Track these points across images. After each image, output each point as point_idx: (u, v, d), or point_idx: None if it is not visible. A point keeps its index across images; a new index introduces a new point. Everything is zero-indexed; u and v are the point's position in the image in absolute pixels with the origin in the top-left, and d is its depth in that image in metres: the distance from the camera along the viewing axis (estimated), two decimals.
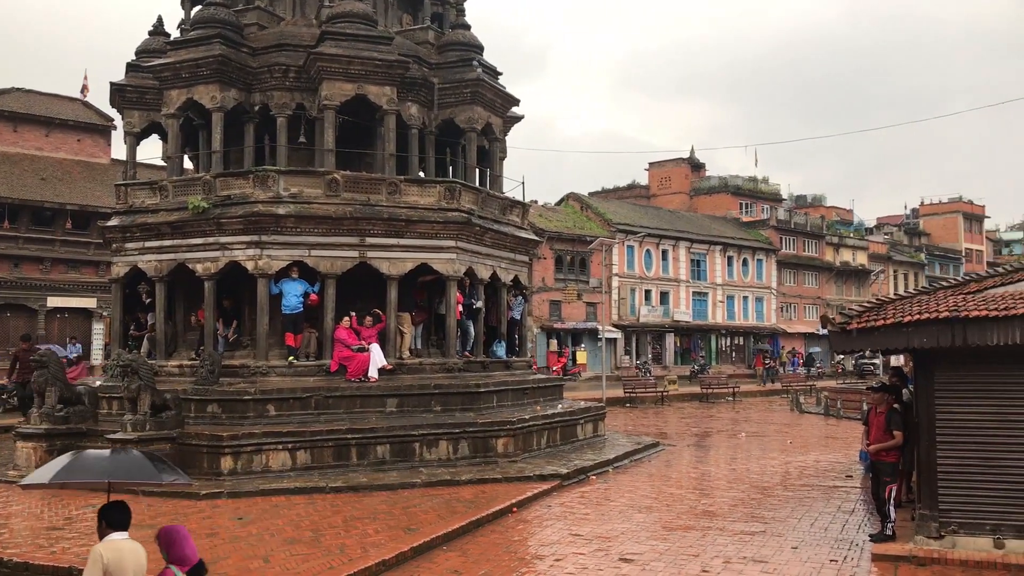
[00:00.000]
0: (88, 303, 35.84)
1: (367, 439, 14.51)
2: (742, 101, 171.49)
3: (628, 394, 33.37)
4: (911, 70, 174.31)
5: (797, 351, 57.24)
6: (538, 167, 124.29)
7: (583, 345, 46.16)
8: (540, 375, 22.82)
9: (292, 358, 15.88)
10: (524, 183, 20.60)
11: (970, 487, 9.09)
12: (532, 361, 26.51)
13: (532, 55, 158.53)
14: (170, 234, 16.60)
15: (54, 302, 35.05)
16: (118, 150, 36.59)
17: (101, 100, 55.38)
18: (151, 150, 51.30)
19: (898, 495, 10.62)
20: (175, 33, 19.52)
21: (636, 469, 16.32)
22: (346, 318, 15.88)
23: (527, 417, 16.36)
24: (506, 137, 20.55)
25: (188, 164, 20.46)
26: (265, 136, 18.17)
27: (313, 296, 16.01)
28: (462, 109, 18.64)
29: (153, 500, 12.10)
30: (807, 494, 13.45)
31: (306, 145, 17.87)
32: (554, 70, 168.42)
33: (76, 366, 24.12)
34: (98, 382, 18.35)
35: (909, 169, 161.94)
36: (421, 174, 18.96)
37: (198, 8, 19.00)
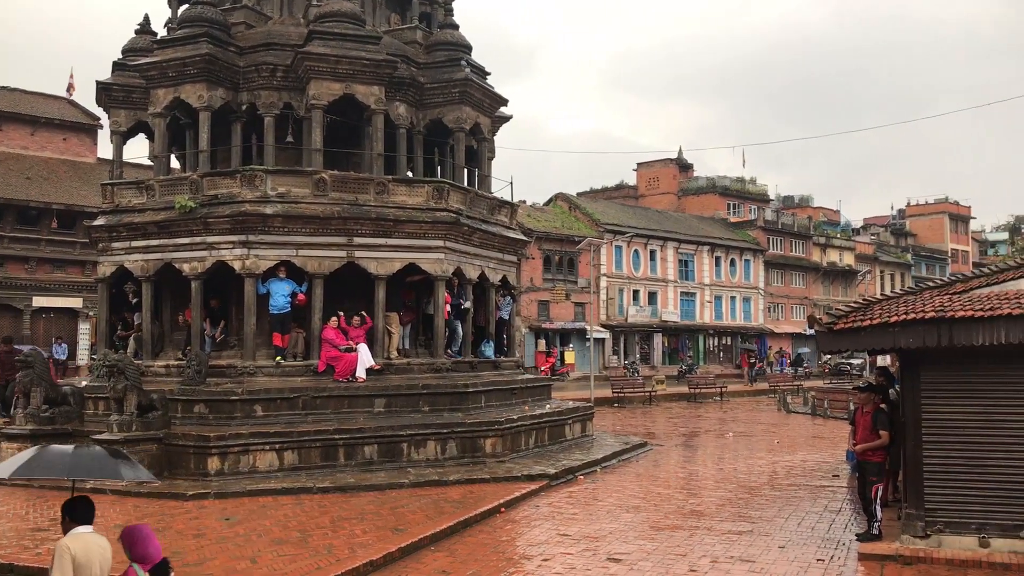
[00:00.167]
0: (74, 303, 35.68)
1: (355, 439, 14.48)
2: (730, 102, 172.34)
3: (616, 394, 33.40)
4: (898, 71, 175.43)
5: (785, 351, 57.46)
6: (526, 167, 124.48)
7: (571, 345, 46.23)
8: (528, 375, 22.81)
9: (280, 358, 15.84)
10: (512, 183, 20.67)
11: (956, 486, 9.15)
12: (520, 361, 26.51)
13: (521, 55, 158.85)
14: (157, 234, 16.53)
15: (40, 302, 34.88)
16: (104, 149, 36.50)
17: (87, 99, 55.05)
18: (138, 149, 51.28)
19: (884, 494, 10.67)
20: (162, 32, 19.43)
21: (624, 469, 16.35)
22: (334, 318, 15.84)
23: (515, 417, 16.36)
24: (494, 137, 20.55)
25: (175, 163, 20.36)
26: (252, 135, 18.12)
27: (301, 296, 15.97)
28: (450, 109, 18.62)
29: (140, 500, 12.07)
30: (794, 494, 13.50)
31: (294, 145, 17.82)
32: (543, 70, 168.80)
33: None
34: (84, 382, 18.25)
35: (896, 170, 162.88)
36: (409, 174, 18.95)
37: (185, 7, 18.91)
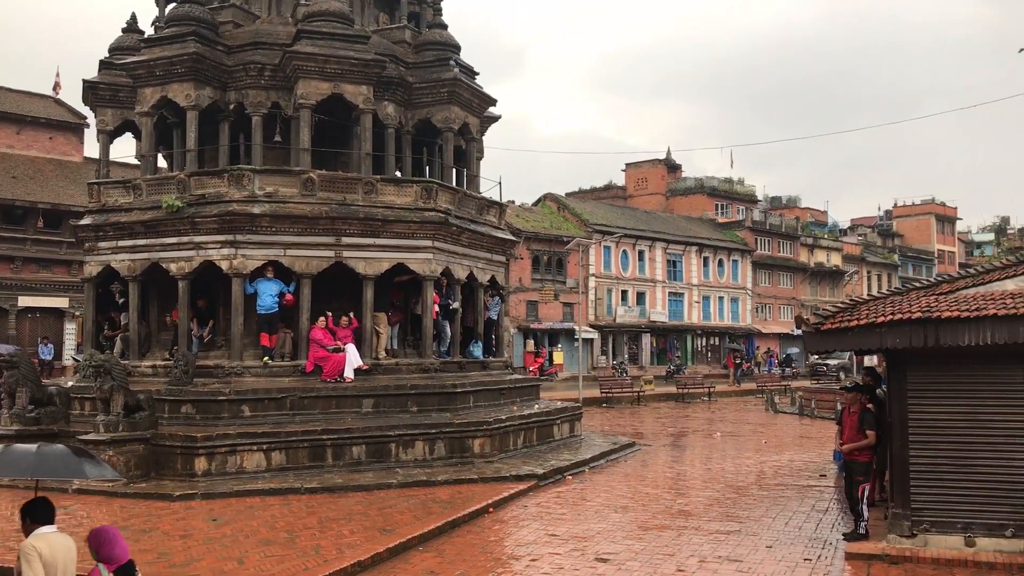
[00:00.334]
0: (60, 303, 35.41)
1: (343, 440, 14.44)
2: (718, 103, 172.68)
3: (604, 394, 33.42)
4: (886, 73, 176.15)
5: (773, 351, 57.66)
6: (515, 167, 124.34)
7: (560, 345, 46.27)
8: (517, 375, 22.83)
9: (267, 358, 15.79)
10: (501, 183, 20.70)
11: (942, 486, 9.20)
12: (509, 361, 26.51)
13: (510, 55, 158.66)
14: (144, 233, 16.45)
15: (25, 302, 34.60)
16: (91, 148, 36.22)
17: (74, 98, 54.70)
18: (124, 148, 50.95)
19: (871, 494, 10.72)
20: (149, 31, 19.34)
21: (612, 469, 16.37)
22: (321, 318, 15.80)
23: (504, 417, 16.36)
24: (483, 137, 20.54)
25: (162, 163, 20.27)
26: (240, 135, 18.04)
27: (288, 296, 15.91)
28: (439, 109, 18.59)
29: (126, 501, 12.02)
30: (781, 493, 13.54)
31: (282, 144, 17.76)
32: (531, 70, 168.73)
33: None
34: (70, 382, 18.14)
35: (883, 171, 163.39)
36: (398, 174, 18.92)
37: (172, 5, 18.81)
